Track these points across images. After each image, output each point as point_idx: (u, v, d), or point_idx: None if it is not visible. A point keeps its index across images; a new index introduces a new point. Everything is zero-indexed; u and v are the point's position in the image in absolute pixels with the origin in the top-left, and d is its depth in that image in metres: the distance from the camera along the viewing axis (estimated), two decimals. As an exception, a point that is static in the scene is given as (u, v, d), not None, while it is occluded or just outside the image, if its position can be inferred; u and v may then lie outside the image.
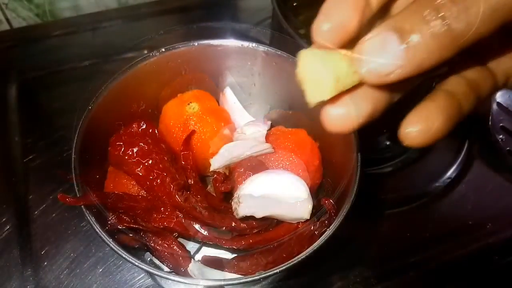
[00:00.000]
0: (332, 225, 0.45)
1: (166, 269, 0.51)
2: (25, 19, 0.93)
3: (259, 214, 0.49)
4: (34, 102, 0.82)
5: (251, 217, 0.50)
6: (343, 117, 0.30)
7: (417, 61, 0.26)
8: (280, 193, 0.50)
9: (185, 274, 0.48)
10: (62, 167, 0.70)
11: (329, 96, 0.30)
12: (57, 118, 0.79)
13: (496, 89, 0.34)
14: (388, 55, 0.26)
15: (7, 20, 0.92)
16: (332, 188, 0.57)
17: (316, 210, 0.51)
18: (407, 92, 0.34)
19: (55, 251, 0.64)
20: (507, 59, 0.33)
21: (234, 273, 0.50)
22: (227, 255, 0.56)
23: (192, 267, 0.48)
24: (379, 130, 0.76)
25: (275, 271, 0.41)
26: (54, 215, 0.67)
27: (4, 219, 0.66)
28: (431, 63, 0.26)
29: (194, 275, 0.48)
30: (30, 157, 0.73)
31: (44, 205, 0.68)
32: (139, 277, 0.62)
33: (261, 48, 0.56)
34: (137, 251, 0.53)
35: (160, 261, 0.49)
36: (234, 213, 0.50)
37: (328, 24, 0.28)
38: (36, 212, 0.67)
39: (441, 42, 0.25)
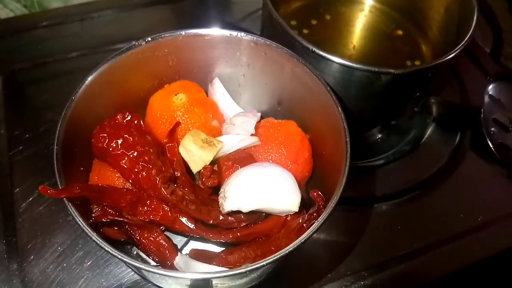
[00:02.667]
0: (321, 217, 0.44)
1: (152, 263, 0.50)
2: (12, 10, 0.92)
3: (246, 209, 0.48)
4: (20, 94, 0.81)
5: (239, 211, 0.49)
6: None
7: None
8: (267, 186, 0.49)
9: (172, 268, 0.48)
10: (49, 160, 0.70)
11: (201, 168, 0.52)
12: (44, 111, 0.77)
13: None
14: None
15: (-6, 11, 0.90)
16: (322, 180, 0.57)
17: (305, 203, 0.51)
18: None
19: (42, 245, 0.63)
20: None
21: (222, 266, 0.50)
22: (215, 248, 0.56)
23: (179, 260, 0.48)
24: (371, 123, 0.76)
25: (262, 264, 0.40)
26: (40, 208, 0.66)
27: (-11, 213, 0.65)
28: None
29: (181, 268, 0.47)
30: (16, 150, 0.72)
31: (30, 199, 0.67)
32: (128, 271, 0.61)
33: (250, 37, 0.55)
34: (123, 245, 0.53)
35: (146, 255, 0.48)
36: (221, 208, 0.50)
37: None
38: (22, 206, 0.66)
39: None
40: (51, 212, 0.66)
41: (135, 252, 0.50)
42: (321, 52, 0.57)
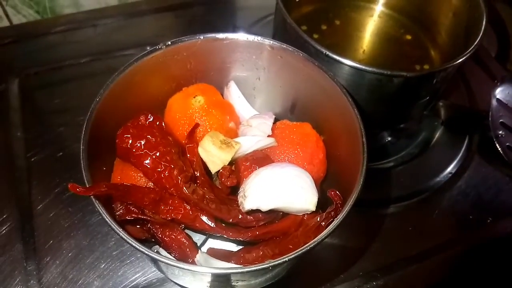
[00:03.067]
0: (340, 215, 0.45)
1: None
2: (25, 16, 0.93)
3: (264, 208, 0.49)
4: (35, 97, 0.82)
5: (257, 210, 0.50)
6: None
7: None
8: (285, 186, 0.50)
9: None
10: (64, 162, 0.72)
11: (219, 168, 0.53)
12: (58, 114, 0.79)
13: None
14: None
15: (7, 16, 0.91)
16: (336, 181, 0.58)
17: (320, 203, 0.51)
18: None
19: (59, 245, 0.64)
20: None
21: (240, 264, 0.50)
22: (233, 247, 0.57)
23: (199, 257, 0.48)
24: (381, 126, 0.77)
25: (285, 259, 0.41)
26: (57, 209, 0.67)
27: (7, 214, 0.66)
28: None
29: (201, 265, 0.48)
30: (32, 152, 0.73)
31: (47, 200, 0.68)
32: (142, 271, 0.62)
33: (267, 41, 0.57)
34: (143, 243, 0.53)
35: (168, 252, 0.49)
36: (240, 207, 0.51)
37: None
38: (39, 207, 0.67)
39: None
40: (68, 213, 0.67)
41: (155, 250, 0.51)
42: (334, 56, 0.58)
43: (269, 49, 0.57)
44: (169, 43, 0.55)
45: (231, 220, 0.51)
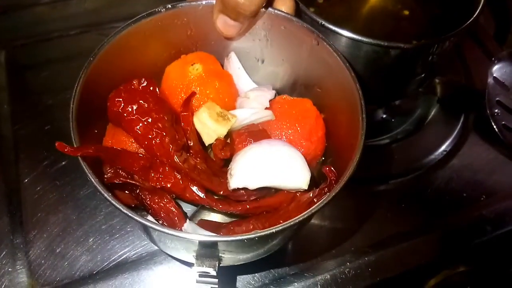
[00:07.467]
0: (333, 191, 0.43)
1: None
2: (13, -11, 0.91)
3: (252, 186, 0.49)
4: (22, 70, 0.80)
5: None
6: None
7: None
8: (274, 164, 0.49)
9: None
10: (52, 135, 0.70)
11: (213, 140, 0.52)
12: (47, 86, 0.78)
13: None
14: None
15: (-5, -11, 0.89)
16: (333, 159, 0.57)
17: (316, 182, 0.50)
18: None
19: (46, 219, 0.63)
20: None
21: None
22: (223, 220, 0.56)
23: (187, 226, 0.48)
24: (376, 102, 0.76)
25: (272, 231, 0.39)
26: (44, 183, 0.66)
27: (-7, 187, 0.65)
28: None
29: (188, 234, 0.47)
30: (20, 125, 0.72)
31: (34, 173, 0.67)
32: (132, 245, 0.62)
33: (270, 10, 0.54)
34: (132, 210, 0.52)
35: (156, 219, 0.48)
36: (228, 185, 0.50)
37: None
38: (26, 180, 0.66)
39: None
40: (55, 187, 0.66)
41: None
42: (330, 26, 0.57)
43: (272, 18, 0.55)
44: (169, 6, 0.53)
45: (221, 192, 0.50)
